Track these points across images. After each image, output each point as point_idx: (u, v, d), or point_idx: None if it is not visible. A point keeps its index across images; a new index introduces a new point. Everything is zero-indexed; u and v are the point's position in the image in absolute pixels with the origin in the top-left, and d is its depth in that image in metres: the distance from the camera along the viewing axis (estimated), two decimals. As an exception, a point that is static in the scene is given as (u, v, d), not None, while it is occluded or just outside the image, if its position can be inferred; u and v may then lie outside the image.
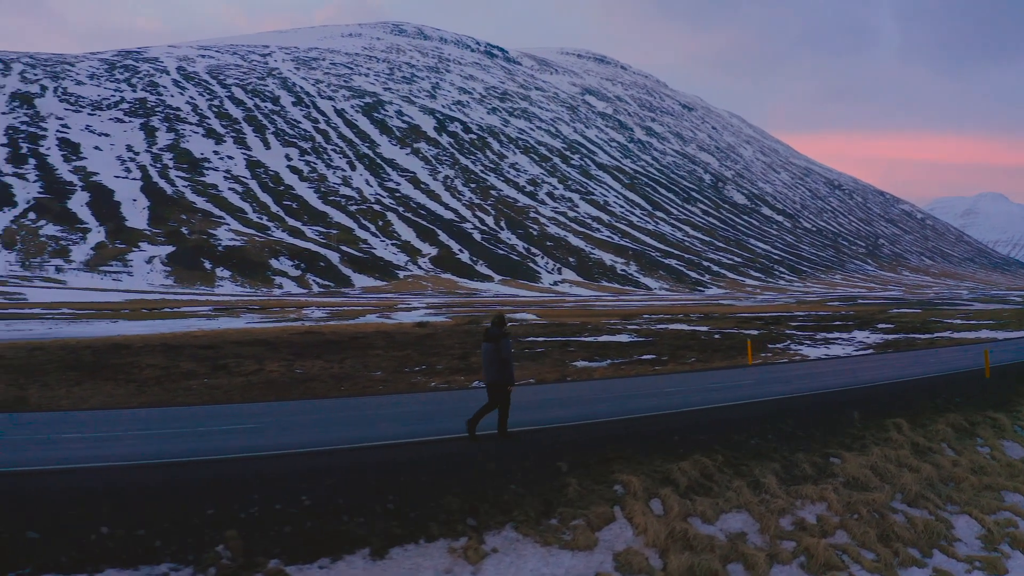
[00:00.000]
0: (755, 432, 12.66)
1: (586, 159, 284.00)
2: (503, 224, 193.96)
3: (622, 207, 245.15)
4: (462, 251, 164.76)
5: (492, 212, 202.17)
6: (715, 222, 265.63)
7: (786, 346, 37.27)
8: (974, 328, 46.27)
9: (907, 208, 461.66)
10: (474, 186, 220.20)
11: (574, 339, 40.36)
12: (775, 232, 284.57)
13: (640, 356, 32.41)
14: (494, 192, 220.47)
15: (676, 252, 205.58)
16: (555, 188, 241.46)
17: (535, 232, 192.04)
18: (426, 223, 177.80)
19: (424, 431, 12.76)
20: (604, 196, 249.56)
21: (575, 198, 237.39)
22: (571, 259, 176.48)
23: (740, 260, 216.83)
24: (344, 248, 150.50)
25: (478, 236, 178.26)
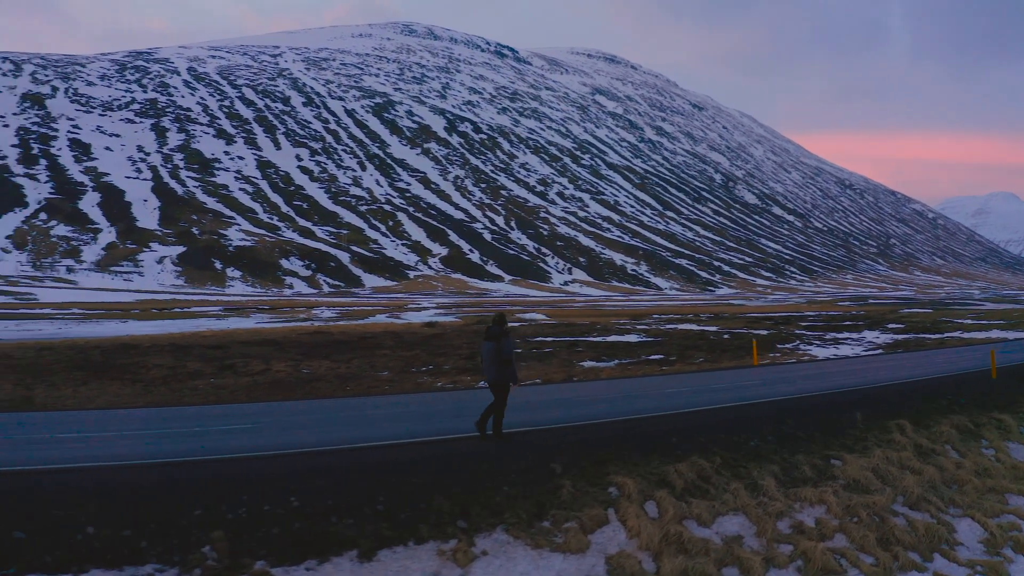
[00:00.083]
0: (755, 433, 12.50)
1: (596, 159, 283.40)
2: (513, 224, 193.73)
3: (632, 207, 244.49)
4: (472, 251, 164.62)
5: (502, 212, 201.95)
6: (726, 222, 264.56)
7: (795, 346, 37.05)
8: (984, 328, 45.84)
9: (918, 208, 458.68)
10: (484, 186, 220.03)
11: (582, 339, 40.23)
12: (786, 232, 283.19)
13: (648, 356, 32.29)
14: (504, 192, 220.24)
15: (687, 252, 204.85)
16: (565, 188, 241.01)
17: (545, 232, 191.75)
18: (436, 223, 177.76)
19: (421, 431, 12.68)
20: (614, 196, 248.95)
21: (585, 198, 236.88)
22: (581, 259, 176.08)
23: (751, 260, 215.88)
24: (354, 248, 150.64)
25: (488, 236, 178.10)
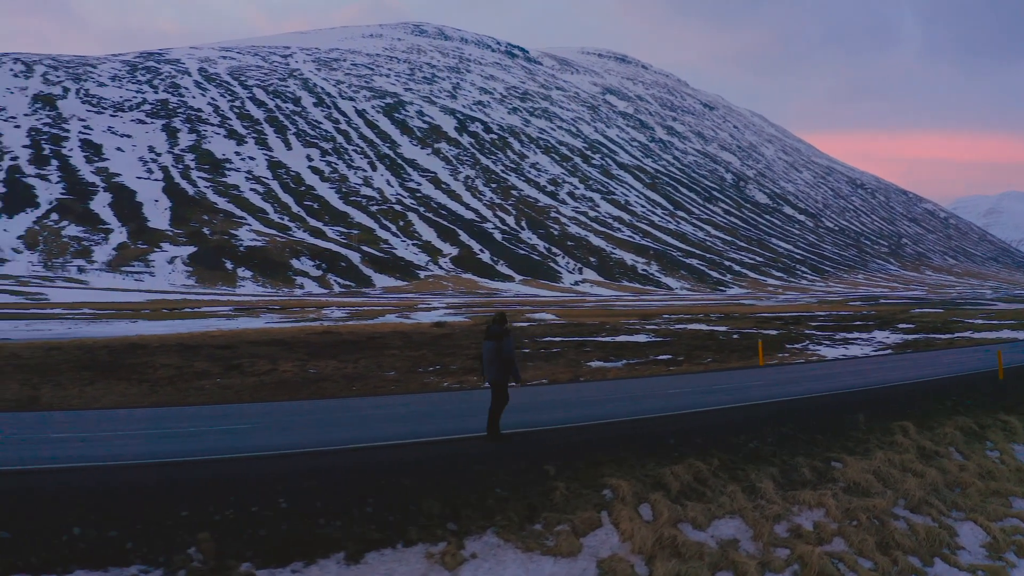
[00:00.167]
0: (755, 435, 12.32)
1: (607, 159, 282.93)
2: (524, 224, 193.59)
3: (643, 207, 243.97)
4: (483, 251, 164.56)
5: (513, 212, 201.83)
6: (737, 221, 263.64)
7: (804, 346, 36.75)
8: (995, 328, 45.35)
9: (930, 207, 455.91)
10: (495, 186, 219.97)
11: (591, 339, 40.00)
12: (797, 231, 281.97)
13: (656, 356, 32.07)
14: (515, 192, 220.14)
15: (697, 252, 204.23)
16: (576, 188, 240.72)
17: (556, 232, 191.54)
18: (447, 223, 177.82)
19: (418, 432, 12.57)
20: (625, 196, 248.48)
21: (596, 198, 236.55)
22: (592, 259, 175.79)
23: (762, 260, 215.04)
24: (365, 248, 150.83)
25: (499, 236, 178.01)
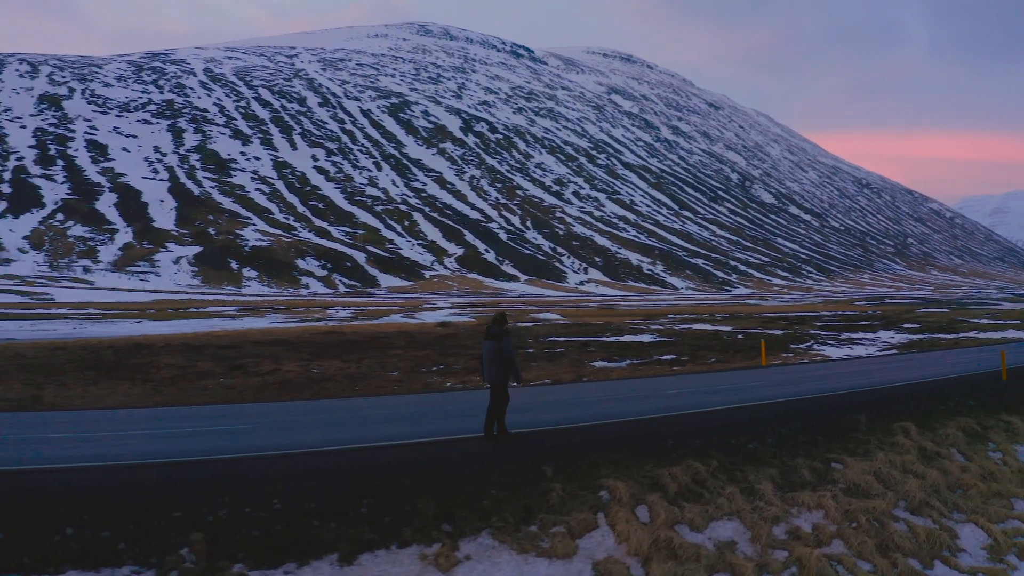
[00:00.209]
0: (754, 436, 12.24)
1: (612, 158, 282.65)
2: (529, 224, 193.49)
3: (649, 206, 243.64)
4: (488, 251, 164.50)
5: (518, 212, 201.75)
6: (742, 221, 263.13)
7: (809, 346, 36.65)
8: (1000, 328, 45.19)
9: (935, 207, 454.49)
10: (500, 186, 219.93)
11: (595, 339, 39.95)
12: (803, 231, 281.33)
13: (660, 356, 32.02)
14: (520, 192, 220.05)
15: (703, 252, 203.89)
16: (581, 188, 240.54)
17: (561, 232, 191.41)
18: (452, 223, 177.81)
19: (417, 433, 12.52)
20: (630, 195, 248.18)
21: (601, 198, 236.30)
22: (597, 259, 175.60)
23: (767, 260, 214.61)
24: (370, 248, 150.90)
25: (504, 236, 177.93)
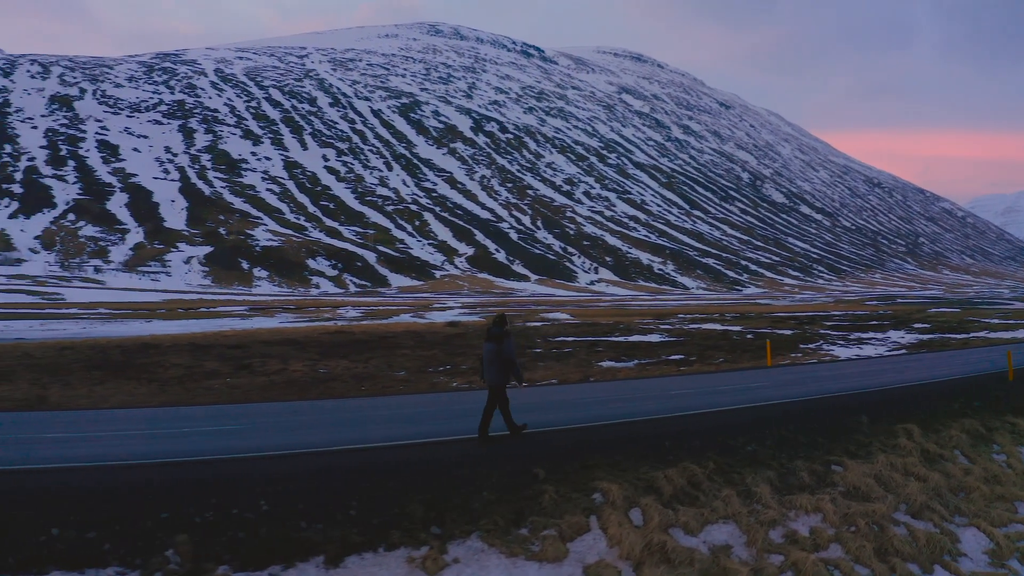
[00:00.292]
0: (753, 437, 12.07)
1: (623, 158, 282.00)
2: (540, 223, 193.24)
3: (659, 206, 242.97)
4: (499, 251, 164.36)
5: (529, 211, 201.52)
6: (753, 221, 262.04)
7: (818, 346, 36.41)
8: (1011, 328, 44.82)
9: (947, 206, 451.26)
10: (511, 185, 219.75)
11: (604, 339, 39.78)
12: (814, 231, 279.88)
13: (668, 356, 31.85)
14: (531, 192, 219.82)
15: (714, 251, 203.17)
16: (592, 187, 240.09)
17: (572, 231, 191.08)
18: (463, 223, 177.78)
19: (414, 433, 12.43)
20: (641, 195, 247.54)
21: (612, 197, 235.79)
22: (608, 258, 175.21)
23: (778, 259, 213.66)
24: (381, 248, 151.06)
25: (515, 236, 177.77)
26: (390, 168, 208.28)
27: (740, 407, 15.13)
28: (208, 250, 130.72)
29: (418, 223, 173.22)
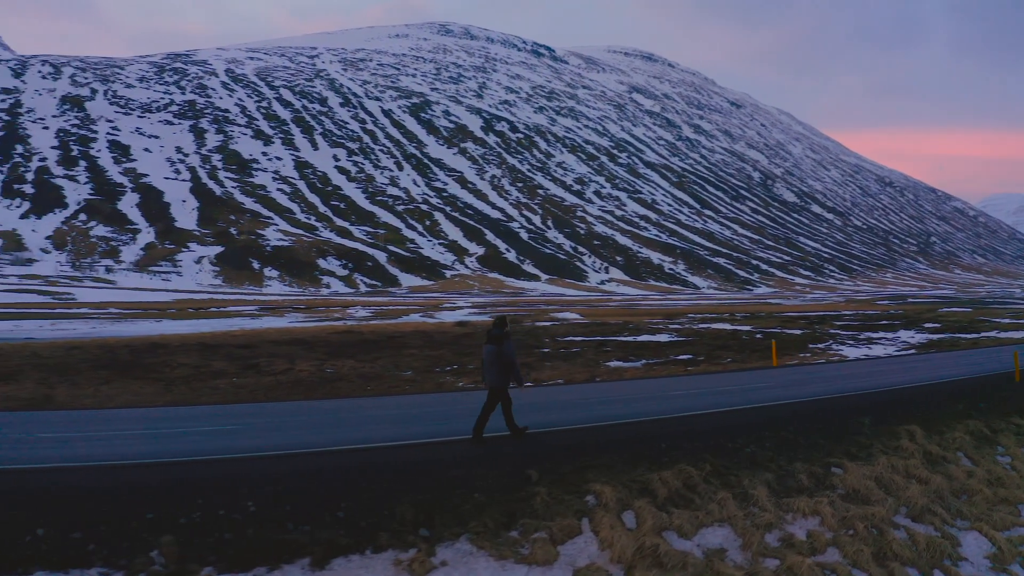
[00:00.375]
0: (752, 439, 11.92)
1: (633, 157, 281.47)
2: (550, 223, 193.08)
3: (670, 205, 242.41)
4: (509, 250, 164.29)
5: (539, 211, 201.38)
6: (764, 220, 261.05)
7: (827, 346, 36.17)
8: (1022, 327, 44.42)
9: (959, 205, 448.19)
10: (521, 185, 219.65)
11: (612, 339, 39.60)
12: (825, 230, 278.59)
13: (676, 356, 31.68)
14: (541, 191, 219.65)
15: (725, 251, 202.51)
16: (602, 187, 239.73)
17: (582, 231, 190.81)
18: (473, 222, 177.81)
19: (409, 434, 12.35)
20: (652, 194, 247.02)
21: (622, 197, 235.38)
22: (618, 258, 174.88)
23: (789, 259, 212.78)
24: (391, 248, 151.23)
25: (525, 235, 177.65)
26: (401, 168, 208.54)
27: (741, 408, 14.97)
28: (219, 250, 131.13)
29: (429, 223, 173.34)
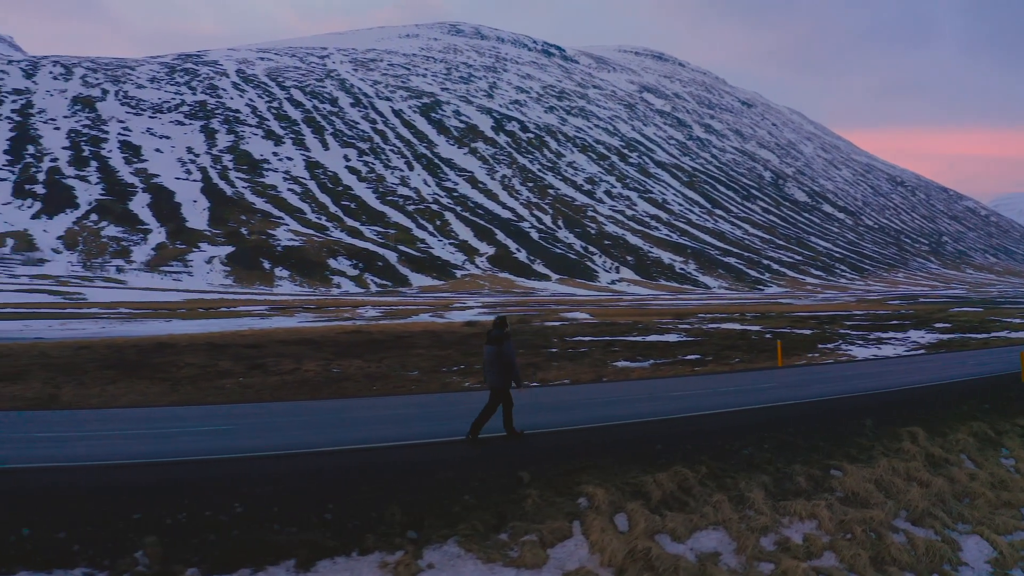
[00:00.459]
0: (751, 441, 11.76)
1: (644, 157, 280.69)
2: (561, 223, 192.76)
3: (681, 205, 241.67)
4: (519, 250, 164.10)
5: (550, 211, 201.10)
6: (775, 220, 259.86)
7: (836, 346, 35.98)
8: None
9: (971, 204, 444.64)
10: (531, 185, 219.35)
11: (621, 339, 39.51)
12: (836, 230, 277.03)
13: (684, 356, 31.59)
14: (552, 191, 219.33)
15: (735, 250, 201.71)
16: (613, 186, 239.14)
17: (593, 231, 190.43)
18: (484, 222, 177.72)
19: (406, 434, 12.29)
20: (663, 194, 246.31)
21: (633, 196, 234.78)
22: (629, 258, 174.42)
23: (801, 258, 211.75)
24: (402, 248, 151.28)
25: (535, 235, 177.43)
26: (411, 168, 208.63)
27: (742, 409, 14.82)
28: (230, 250, 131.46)
29: (439, 223, 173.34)
